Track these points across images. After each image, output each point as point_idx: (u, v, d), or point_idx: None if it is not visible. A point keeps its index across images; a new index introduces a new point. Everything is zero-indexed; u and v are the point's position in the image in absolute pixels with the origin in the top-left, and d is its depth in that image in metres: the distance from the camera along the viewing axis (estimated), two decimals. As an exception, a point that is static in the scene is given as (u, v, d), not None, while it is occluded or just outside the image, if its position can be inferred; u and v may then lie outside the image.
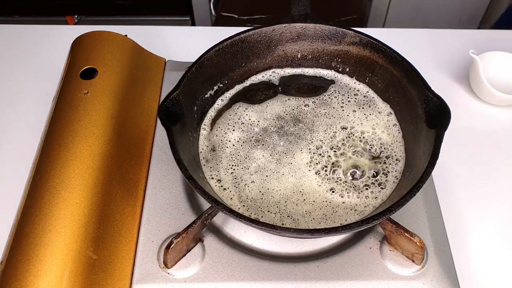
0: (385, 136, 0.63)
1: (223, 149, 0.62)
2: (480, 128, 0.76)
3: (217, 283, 0.54)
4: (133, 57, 0.72)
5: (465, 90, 0.81)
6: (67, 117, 0.62)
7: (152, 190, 0.61)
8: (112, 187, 0.58)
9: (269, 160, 0.61)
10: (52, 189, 0.55)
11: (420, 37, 0.88)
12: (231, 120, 0.65)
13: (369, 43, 0.63)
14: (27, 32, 0.89)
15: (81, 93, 0.64)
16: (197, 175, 0.55)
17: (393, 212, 0.48)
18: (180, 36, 0.90)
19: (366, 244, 0.57)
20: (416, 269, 0.55)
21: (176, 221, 0.58)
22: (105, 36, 0.72)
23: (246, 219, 0.49)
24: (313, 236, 0.52)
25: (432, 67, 0.84)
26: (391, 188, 0.58)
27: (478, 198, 0.67)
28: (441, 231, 0.58)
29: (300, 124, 0.64)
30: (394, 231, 0.54)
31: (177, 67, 0.75)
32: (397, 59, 0.61)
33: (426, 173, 0.50)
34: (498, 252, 0.62)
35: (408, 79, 0.60)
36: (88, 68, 0.67)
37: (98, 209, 0.55)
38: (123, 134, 0.64)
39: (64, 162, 0.57)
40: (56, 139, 0.60)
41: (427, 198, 0.61)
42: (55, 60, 0.78)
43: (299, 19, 0.66)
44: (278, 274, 0.54)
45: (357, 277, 0.54)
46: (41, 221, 0.53)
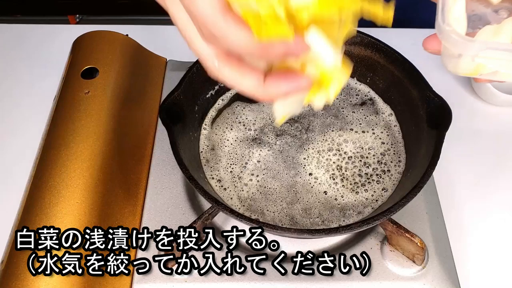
0: (386, 137, 0.63)
1: (221, 149, 0.62)
2: (482, 129, 0.76)
3: (217, 283, 0.54)
4: (134, 57, 0.72)
5: (467, 90, 0.81)
6: (68, 117, 0.62)
7: (153, 189, 0.61)
8: (113, 187, 0.58)
9: (267, 160, 0.61)
10: (53, 188, 0.55)
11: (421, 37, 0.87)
12: (229, 119, 0.65)
13: (370, 43, 0.63)
14: (29, 31, 0.89)
15: (82, 92, 0.64)
16: (197, 175, 0.55)
17: (393, 213, 0.48)
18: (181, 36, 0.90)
19: (366, 244, 0.57)
20: (417, 270, 0.55)
21: (177, 221, 0.58)
22: (106, 35, 0.72)
23: (247, 219, 0.49)
24: (314, 236, 0.52)
25: (433, 67, 0.84)
26: (392, 189, 0.58)
27: (479, 199, 0.67)
28: (442, 231, 0.58)
29: (296, 124, 0.64)
30: (394, 232, 0.54)
31: (178, 66, 0.75)
32: (398, 59, 0.61)
33: (427, 173, 0.50)
34: (499, 252, 0.62)
35: (409, 79, 0.60)
36: (89, 67, 0.67)
37: (98, 209, 0.55)
38: (124, 133, 0.64)
39: (65, 161, 0.57)
40: (57, 139, 0.60)
41: (428, 198, 0.61)
42: (56, 60, 0.78)
43: (300, 19, 0.66)
44: (278, 274, 0.53)
45: (358, 277, 0.54)
46: (41, 220, 0.53)
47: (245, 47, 0.33)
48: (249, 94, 0.37)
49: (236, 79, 0.36)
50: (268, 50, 0.33)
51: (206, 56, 0.37)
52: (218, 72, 0.37)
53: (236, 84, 0.36)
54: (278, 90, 0.36)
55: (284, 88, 0.36)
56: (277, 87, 0.36)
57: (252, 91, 0.36)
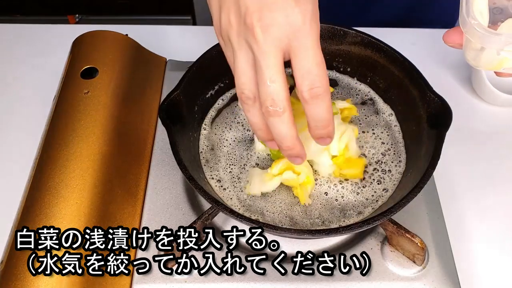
0: (386, 137, 0.63)
1: (221, 149, 0.62)
2: (482, 129, 0.76)
3: (217, 283, 0.54)
4: (134, 57, 0.72)
5: (467, 90, 0.81)
6: (67, 117, 0.62)
7: (153, 190, 0.61)
8: (112, 187, 0.58)
9: (266, 160, 0.61)
10: (53, 188, 0.55)
11: (421, 37, 0.87)
12: (228, 119, 0.65)
13: (370, 43, 0.63)
14: (28, 31, 0.89)
15: (82, 92, 0.64)
16: (197, 175, 0.55)
17: (394, 213, 0.48)
18: (181, 36, 0.89)
19: (367, 244, 0.57)
20: (417, 270, 0.55)
21: (177, 221, 0.58)
22: (106, 35, 0.72)
23: (247, 219, 0.49)
24: (314, 236, 0.52)
25: (433, 67, 0.84)
26: (392, 189, 0.58)
27: (480, 199, 0.67)
28: (443, 232, 0.58)
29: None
30: (395, 232, 0.54)
31: (178, 66, 0.75)
32: (399, 59, 0.61)
33: (428, 173, 0.50)
34: (499, 253, 0.62)
35: (409, 79, 0.60)
36: (88, 67, 0.67)
37: (98, 209, 0.55)
38: (124, 133, 0.63)
39: (64, 161, 0.57)
40: (56, 139, 0.60)
41: (429, 198, 0.61)
42: (56, 59, 0.78)
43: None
44: (278, 275, 0.53)
45: (358, 277, 0.54)
46: (41, 221, 0.53)
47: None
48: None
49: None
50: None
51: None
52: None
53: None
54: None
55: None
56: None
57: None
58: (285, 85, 0.42)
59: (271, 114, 0.43)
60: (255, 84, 0.43)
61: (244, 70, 0.43)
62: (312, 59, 0.42)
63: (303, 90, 0.42)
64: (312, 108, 0.43)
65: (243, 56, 0.43)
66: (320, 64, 0.42)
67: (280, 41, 0.41)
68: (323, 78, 0.42)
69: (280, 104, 0.42)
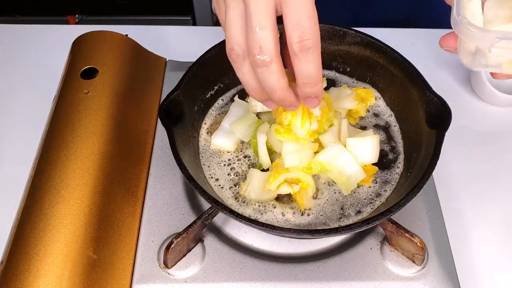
0: (386, 137, 0.63)
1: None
2: (481, 129, 0.76)
3: (217, 283, 0.54)
4: (134, 57, 0.72)
5: (466, 90, 0.81)
6: (67, 117, 0.62)
7: (153, 190, 0.61)
8: (112, 187, 0.58)
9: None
10: (53, 188, 0.55)
11: (421, 37, 0.87)
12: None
13: (370, 43, 0.63)
14: (28, 31, 0.89)
15: (82, 92, 0.64)
16: (197, 175, 0.55)
17: (393, 213, 0.48)
18: (181, 36, 0.90)
19: (366, 244, 0.57)
20: (417, 270, 0.55)
21: (177, 221, 0.58)
22: (105, 35, 0.72)
23: (246, 219, 0.49)
24: (314, 236, 0.52)
25: (433, 67, 0.84)
26: (391, 189, 0.58)
27: (479, 199, 0.67)
28: (442, 231, 0.58)
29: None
30: (394, 232, 0.54)
31: (178, 67, 0.75)
32: (398, 59, 0.61)
33: (427, 173, 0.50)
34: (499, 252, 0.62)
35: (409, 79, 0.60)
36: (88, 67, 0.67)
37: (98, 209, 0.55)
38: (124, 134, 0.63)
39: (64, 162, 0.57)
40: (56, 139, 0.60)
41: (428, 198, 0.61)
42: (56, 60, 0.78)
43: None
44: (278, 275, 0.54)
45: (358, 277, 0.54)
46: (41, 221, 0.53)
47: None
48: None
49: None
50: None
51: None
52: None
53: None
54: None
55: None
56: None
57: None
58: (275, 34, 0.41)
59: (258, 65, 0.41)
60: (245, 38, 0.42)
61: (235, 22, 0.42)
62: (303, 10, 0.40)
63: (292, 42, 0.40)
64: (301, 63, 0.41)
65: (235, 7, 0.42)
66: (311, 17, 0.40)
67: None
68: (314, 31, 0.40)
69: (267, 53, 0.40)
